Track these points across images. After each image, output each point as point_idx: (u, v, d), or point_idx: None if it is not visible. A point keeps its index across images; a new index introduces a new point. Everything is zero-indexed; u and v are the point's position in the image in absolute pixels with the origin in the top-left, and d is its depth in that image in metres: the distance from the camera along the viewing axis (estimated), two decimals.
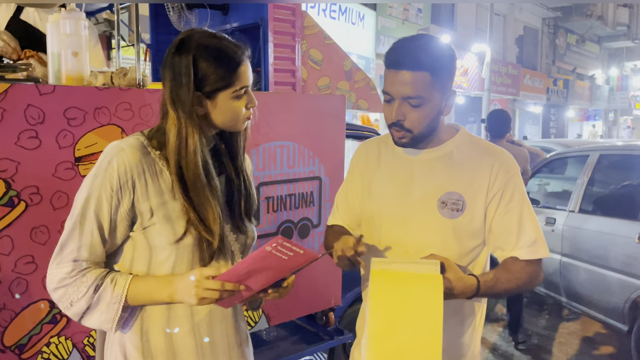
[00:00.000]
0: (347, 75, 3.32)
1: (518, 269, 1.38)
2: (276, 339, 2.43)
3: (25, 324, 1.59)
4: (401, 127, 1.35)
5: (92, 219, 1.18)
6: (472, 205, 1.38)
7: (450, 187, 1.39)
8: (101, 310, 1.18)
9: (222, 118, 1.25)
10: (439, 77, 1.31)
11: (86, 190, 1.19)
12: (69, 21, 1.74)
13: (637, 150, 4.29)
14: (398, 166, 1.46)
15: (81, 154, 1.63)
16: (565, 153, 5.03)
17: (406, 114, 1.33)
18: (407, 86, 1.30)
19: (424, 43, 1.32)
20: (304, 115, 2.22)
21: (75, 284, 1.17)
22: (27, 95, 1.52)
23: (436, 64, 1.30)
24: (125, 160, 1.18)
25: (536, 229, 1.40)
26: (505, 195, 1.38)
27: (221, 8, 2.91)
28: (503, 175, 1.38)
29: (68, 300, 1.18)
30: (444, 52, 1.34)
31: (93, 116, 1.64)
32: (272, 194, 2.12)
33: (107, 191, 1.17)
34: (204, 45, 1.20)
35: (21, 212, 1.54)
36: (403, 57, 1.30)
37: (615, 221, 3.86)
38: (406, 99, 1.31)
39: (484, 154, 1.41)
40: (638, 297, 3.55)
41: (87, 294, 1.17)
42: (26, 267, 1.57)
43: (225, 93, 1.22)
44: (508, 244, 1.40)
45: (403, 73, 1.29)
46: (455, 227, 1.38)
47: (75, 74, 1.76)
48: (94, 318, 1.19)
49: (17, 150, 1.51)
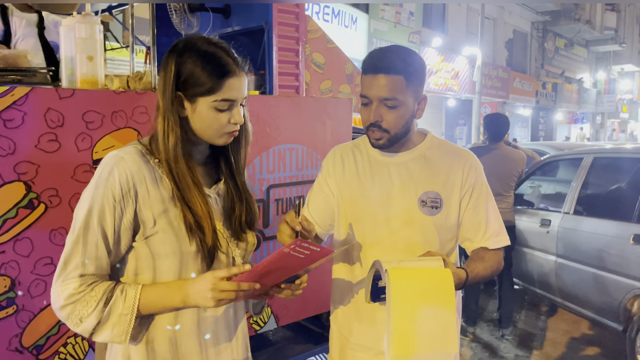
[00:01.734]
0: (349, 79, 3.36)
1: (490, 257, 1.54)
2: (283, 340, 2.46)
3: (44, 324, 1.61)
4: (379, 127, 1.45)
5: (96, 231, 1.15)
6: (448, 203, 1.52)
7: (428, 187, 1.51)
8: (113, 323, 1.15)
9: (200, 125, 1.22)
10: (412, 81, 1.44)
11: (87, 202, 1.16)
12: (85, 25, 1.77)
13: (630, 153, 4.37)
14: (376, 169, 1.56)
15: (99, 157, 1.65)
16: (559, 156, 5.11)
17: (383, 115, 1.44)
18: (384, 89, 1.42)
19: (398, 51, 1.46)
20: (312, 118, 2.25)
21: (84, 299, 1.14)
22: (47, 98, 1.54)
23: (409, 69, 1.43)
24: (126, 169, 1.17)
25: (499, 221, 1.58)
26: (475, 192, 1.54)
27: (223, 11, 2.94)
28: (473, 174, 1.54)
29: (77, 317, 1.14)
30: (415, 60, 1.46)
31: (110, 119, 1.66)
32: (282, 195, 2.16)
33: (109, 202, 1.15)
34: (195, 48, 1.21)
35: (41, 214, 1.56)
36: (380, 62, 1.42)
37: (610, 222, 3.93)
38: (383, 101, 1.43)
39: (455, 155, 1.56)
40: (633, 297, 3.63)
41: (97, 308, 1.14)
42: (45, 269, 1.59)
43: (205, 100, 1.20)
44: (477, 236, 1.56)
45: (380, 77, 1.42)
46: (435, 223, 1.51)
47: (90, 77, 1.78)
48: (105, 333, 1.16)
49: (37, 153, 1.54)
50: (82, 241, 1.15)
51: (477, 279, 1.49)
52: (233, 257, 1.32)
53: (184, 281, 1.20)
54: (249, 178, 2.02)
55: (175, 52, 1.21)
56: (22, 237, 1.54)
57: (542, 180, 5.20)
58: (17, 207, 1.53)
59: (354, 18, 11.93)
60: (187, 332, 1.25)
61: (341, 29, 11.53)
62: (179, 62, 1.20)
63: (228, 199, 1.33)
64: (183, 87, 1.20)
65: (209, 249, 1.22)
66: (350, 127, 2.41)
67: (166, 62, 1.22)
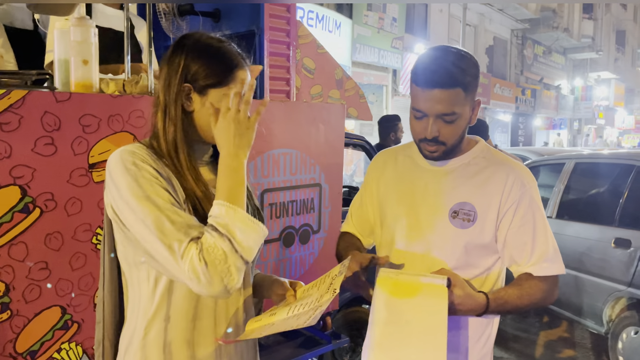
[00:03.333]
0: (338, 84, 3.39)
1: (530, 286, 1.37)
2: (274, 344, 2.46)
3: (38, 330, 1.59)
4: (435, 141, 1.36)
5: (167, 207, 1.08)
6: (484, 217, 1.38)
7: (463, 198, 1.40)
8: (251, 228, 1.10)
9: (207, 120, 1.20)
10: (469, 91, 1.33)
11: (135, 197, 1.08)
12: (80, 29, 1.75)
13: (611, 158, 4.48)
14: (414, 175, 1.49)
15: (95, 161, 1.64)
16: (542, 161, 5.21)
17: (440, 130, 1.35)
18: (441, 104, 1.31)
19: (453, 59, 1.32)
20: (306, 123, 2.27)
21: (213, 246, 1.06)
22: (44, 102, 1.53)
23: (467, 78, 1.32)
24: (144, 154, 1.14)
25: (551, 244, 1.39)
26: (520, 208, 1.37)
27: (212, 15, 2.94)
28: (518, 188, 1.38)
29: (228, 263, 1.05)
30: (471, 65, 1.34)
31: (107, 123, 1.66)
32: (275, 200, 2.16)
33: (153, 181, 1.10)
34: (204, 42, 1.22)
35: (36, 218, 1.54)
36: (435, 75, 1.30)
37: (592, 226, 4.02)
38: (441, 116, 1.33)
39: (499, 166, 1.42)
40: (614, 299, 3.71)
41: (223, 237, 1.07)
42: (40, 273, 1.57)
43: (217, 91, 1.19)
44: (522, 259, 1.39)
45: (436, 92, 1.30)
46: (466, 238, 1.38)
47: (84, 81, 1.77)
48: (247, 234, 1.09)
49: (33, 156, 1.52)
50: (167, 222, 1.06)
51: (506, 307, 1.33)
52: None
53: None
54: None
55: (183, 46, 1.21)
56: (17, 241, 1.51)
57: None
58: (13, 212, 1.51)
59: (337, 23, 11.98)
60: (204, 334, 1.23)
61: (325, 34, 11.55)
62: (188, 55, 1.19)
63: None
64: (193, 80, 1.19)
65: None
66: (343, 133, 2.43)
67: (172, 56, 1.21)
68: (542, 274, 1.38)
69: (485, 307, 1.30)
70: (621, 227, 3.76)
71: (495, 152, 1.49)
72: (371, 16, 13.17)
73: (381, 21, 13.50)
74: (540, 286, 1.37)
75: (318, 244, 2.37)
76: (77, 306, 1.65)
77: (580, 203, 4.49)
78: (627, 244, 3.63)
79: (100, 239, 1.67)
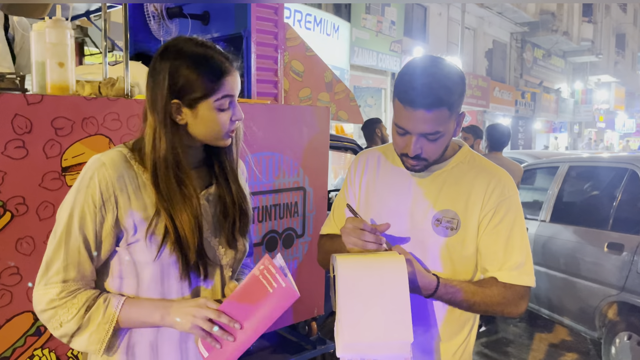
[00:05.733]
0: (328, 87, 3.37)
1: (491, 288, 1.32)
2: (259, 350, 2.43)
3: (9, 336, 1.56)
4: (418, 158, 1.32)
5: (77, 236, 1.15)
6: (466, 225, 1.34)
7: (446, 205, 1.36)
8: (91, 330, 1.15)
9: (203, 130, 1.20)
10: (454, 108, 1.28)
11: (69, 206, 1.16)
12: (55, 30, 1.73)
13: (604, 161, 4.45)
14: (396, 179, 1.45)
15: (68, 164, 1.62)
16: (536, 164, 5.18)
17: (424, 147, 1.30)
18: (426, 124, 1.26)
19: (439, 76, 1.25)
20: (288, 126, 2.24)
21: (65, 305, 1.14)
22: (14, 104, 1.50)
23: (452, 97, 1.26)
24: (106, 175, 1.15)
25: (524, 255, 1.34)
26: (496, 215, 1.33)
27: (202, 18, 2.92)
28: (497, 195, 1.34)
29: (57, 322, 1.14)
30: (458, 82, 1.28)
31: (81, 126, 1.63)
32: (258, 204, 2.14)
33: (90, 207, 1.15)
34: (187, 52, 1.18)
35: (7, 222, 1.52)
36: (420, 97, 1.23)
37: (585, 230, 3.99)
38: (424, 135, 1.28)
39: (482, 173, 1.38)
40: (607, 304, 3.68)
41: (78, 314, 1.14)
42: (11, 279, 1.54)
43: (206, 103, 1.18)
44: (492, 266, 1.35)
45: (420, 112, 1.24)
46: (448, 246, 1.35)
47: (60, 83, 1.75)
48: (82, 339, 1.16)
49: (3, 160, 1.50)
50: (63, 246, 1.14)
51: (457, 297, 1.28)
52: (221, 264, 1.29)
53: (169, 300, 1.20)
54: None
55: (166, 59, 1.18)
56: None
57: (520, 188, 5.26)
58: None
59: (335, 26, 11.97)
60: (168, 337, 1.23)
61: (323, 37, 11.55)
62: (172, 69, 1.16)
63: (220, 204, 1.29)
64: (180, 95, 1.17)
65: (193, 262, 1.20)
66: (328, 136, 2.40)
67: (156, 70, 1.18)
68: (507, 281, 1.33)
69: (435, 288, 1.27)
70: (614, 231, 3.72)
71: (478, 157, 1.45)
72: (369, 19, 13.17)
73: (379, 24, 13.49)
74: (502, 292, 1.32)
75: (302, 249, 2.35)
76: None
77: (574, 207, 4.46)
78: (620, 248, 3.59)
79: None
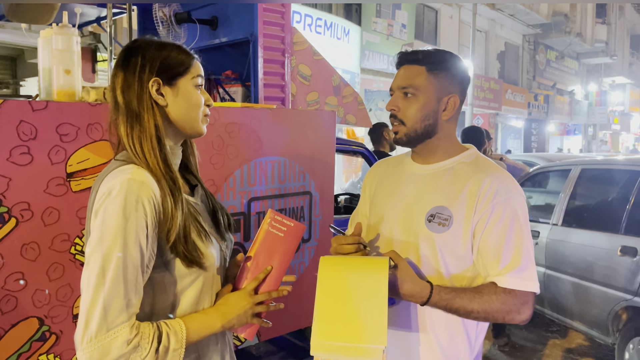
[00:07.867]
0: (336, 91, 3.36)
1: (490, 294, 1.29)
2: (266, 355, 2.42)
3: (14, 341, 1.57)
4: (395, 117, 1.42)
5: (136, 265, 1.07)
6: (458, 222, 1.34)
7: (440, 202, 1.37)
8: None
9: (183, 108, 1.21)
10: (435, 73, 1.38)
11: (120, 236, 1.05)
12: (62, 37, 1.75)
13: (617, 164, 4.39)
14: (403, 179, 1.49)
15: (73, 170, 1.62)
16: (548, 167, 5.12)
17: (399, 104, 1.41)
18: (402, 78, 1.41)
19: (427, 48, 1.44)
20: (294, 130, 2.24)
21: (139, 344, 1.06)
22: (19, 111, 1.52)
23: (432, 60, 1.39)
24: (151, 194, 1.10)
25: (525, 258, 1.31)
26: (494, 216, 1.31)
27: (210, 23, 2.93)
28: (494, 195, 1.32)
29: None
30: (444, 55, 1.42)
31: (86, 132, 1.64)
32: (263, 208, 2.13)
33: (143, 231, 1.07)
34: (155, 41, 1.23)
35: (12, 228, 1.53)
36: (405, 56, 1.43)
37: (598, 234, 3.92)
38: (401, 89, 1.40)
39: (481, 173, 1.37)
40: (620, 309, 3.61)
41: (151, 349, 1.07)
42: (16, 284, 1.55)
43: (184, 79, 1.22)
44: (492, 269, 1.32)
45: (401, 68, 1.43)
46: (440, 243, 1.34)
47: (67, 90, 1.76)
48: None
49: (8, 166, 1.51)
50: (122, 282, 1.04)
51: (453, 305, 1.27)
52: (225, 258, 1.34)
53: (217, 306, 1.23)
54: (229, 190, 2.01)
55: (137, 47, 1.21)
56: None
57: (532, 191, 5.20)
58: None
59: (346, 30, 11.97)
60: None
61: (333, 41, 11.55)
62: (146, 53, 1.19)
63: (209, 202, 1.35)
64: (160, 71, 1.19)
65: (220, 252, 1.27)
66: (334, 140, 2.39)
67: (127, 58, 1.20)
68: (506, 286, 1.30)
69: (429, 295, 1.27)
70: (627, 235, 3.66)
71: (482, 159, 1.45)
72: (380, 23, 13.16)
73: (390, 27, 13.47)
74: (502, 298, 1.29)
75: (309, 253, 2.34)
76: (55, 317, 1.63)
77: (586, 210, 4.39)
78: (633, 252, 3.53)
79: (79, 248, 1.66)
